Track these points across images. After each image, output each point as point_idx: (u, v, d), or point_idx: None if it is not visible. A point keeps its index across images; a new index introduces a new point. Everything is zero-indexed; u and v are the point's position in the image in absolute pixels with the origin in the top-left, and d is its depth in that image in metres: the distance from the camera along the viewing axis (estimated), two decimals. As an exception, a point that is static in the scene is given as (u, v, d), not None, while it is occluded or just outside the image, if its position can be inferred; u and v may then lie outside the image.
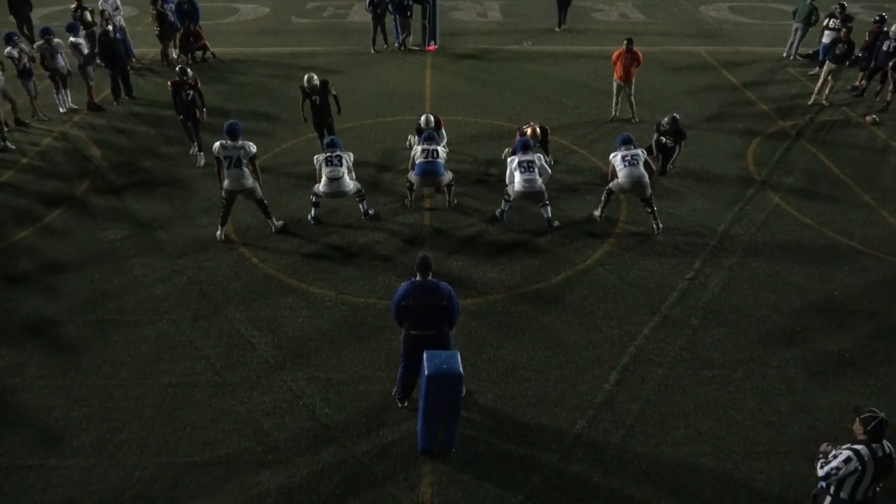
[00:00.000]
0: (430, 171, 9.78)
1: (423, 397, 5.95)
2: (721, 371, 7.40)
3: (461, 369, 5.82)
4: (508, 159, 9.92)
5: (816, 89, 14.49)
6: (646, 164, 9.65)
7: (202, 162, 11.50)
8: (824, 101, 14.40)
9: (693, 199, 10.69)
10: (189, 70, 11.34)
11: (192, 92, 11.15)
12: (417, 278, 6.18)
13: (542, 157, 9.95)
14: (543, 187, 9.64)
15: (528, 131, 10.67)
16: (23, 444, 6.43)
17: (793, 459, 6.40)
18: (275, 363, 7.40)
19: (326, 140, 9.89)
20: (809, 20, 16.49)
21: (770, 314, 8.25)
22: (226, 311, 8.14)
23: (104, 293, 8.44)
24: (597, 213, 10.02)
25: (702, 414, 6.87)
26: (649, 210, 9.71)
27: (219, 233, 9.42)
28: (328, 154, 9.51)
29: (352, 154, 9.86)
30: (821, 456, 5.21)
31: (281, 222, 9.71)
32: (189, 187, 10.87)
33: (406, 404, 6.83)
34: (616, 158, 9.63)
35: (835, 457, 5.02)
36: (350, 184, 9.61)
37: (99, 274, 8.79)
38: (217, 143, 9.06)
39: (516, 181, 9.57)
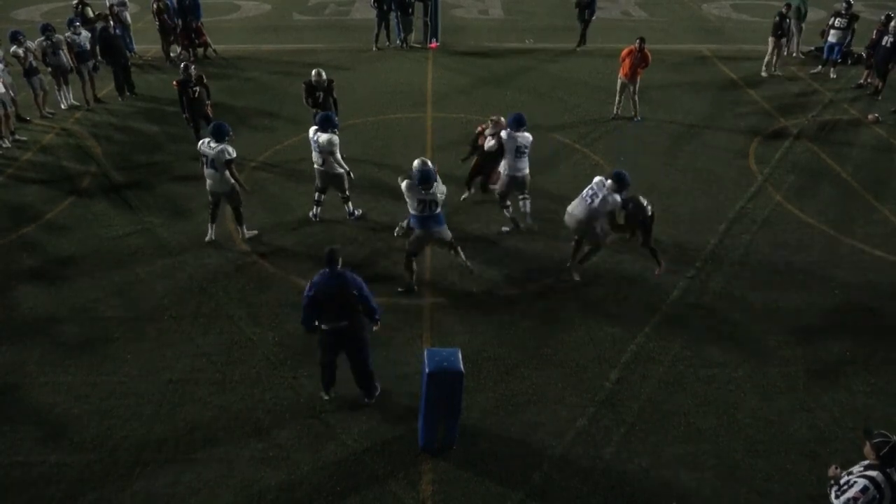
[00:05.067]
0: (432, 222, 8.16)
1: (423, 395, 5.96)
2: (722, 369, 7.40)
3: (462, 367, 5.84)
4: (504, 137, 9.18)
5: (764, 63, 15.95)
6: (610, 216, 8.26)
7: None
8: (775, 72, 15.96)
9: (694, 197, 10.68)
10: (192, 67, 11.31)
11: (197, 88, 11.13)
12: (326, 270, 6.30)
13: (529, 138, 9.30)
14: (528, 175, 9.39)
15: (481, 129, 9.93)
16: (24, 440, 6.44)
17: (793, 458, 6.40)
18: (276, 360, 7.41)
19: (318, 116, 9.53)
20: (800, 15, 16.50)
21: (771, 313, 8.24)
22: (227, 309, 8.15)
23: (105, 290, 8.45)
24: (569, 264, 8.79)
25: (702, 412, 6.88)
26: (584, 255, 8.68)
27: (209, 235, 9.32)
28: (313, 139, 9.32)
29: (328, 136, 9.11)
30: (831, 482, 5.07)
31: (254, 232, 9.43)
32: (191, 184, 10.85)
33: (329, 397, 6.88)
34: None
35: (849, 485, 4.86)
36: (335, 168, 9.34)
37: (100, 271, 8.79)
38: (202, 140, 8.97)
39: (509, 166, 9.19)
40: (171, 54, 16.32)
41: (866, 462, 4.95)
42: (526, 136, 9.27)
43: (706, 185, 11.08)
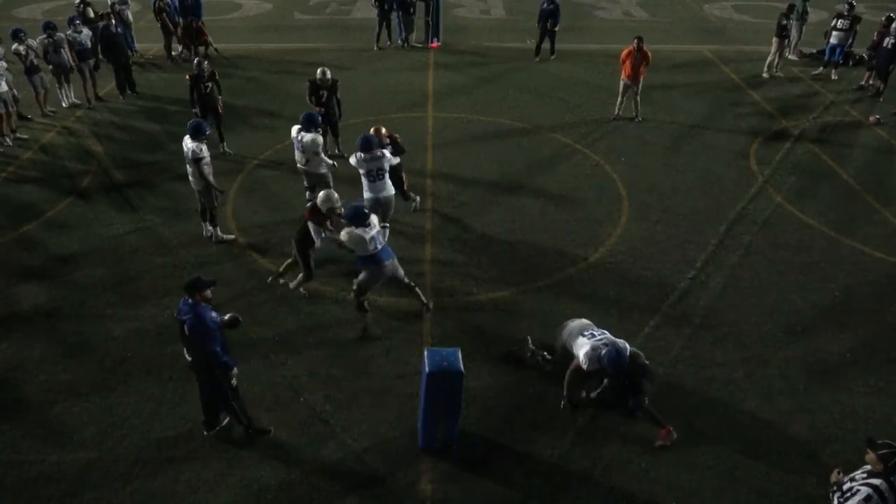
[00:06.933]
0: (388, 257, 7.56)
1: (423, 394, 5.96)
2: (722, 370, 7.40)
3: (462, 367, 5.84)
4: (353, 160, 8.70)
5: (766, 64, 16.00)
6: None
7: (223, 151, 11.53)
8: (776, 73, 16.01)
9: (695, 198, 10.67)
10: (206, 63, 11.32)
11: (210, 84, 11.15)
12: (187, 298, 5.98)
13: (388, 154, 8.82)
14: (392, 199, 8.82)
15: (372, 131, 9.21)
16: (24, 438, 6.44)
17: (793, 458, 6.40)
18: (275, 359, 7.40)
19: (302, 116, 9.48)
20: (800, 16, 16.53)
21: (771, 313, 8.24)
22: (227, 307, 8.11)
23: (106, 288, 8.45)
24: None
25: (702, 412, 6.87)
26: None
27: (204, 231, 9.37)
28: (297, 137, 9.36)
29: (312, 136, 9.27)
30: (834, 487, 5.04)
31: (231, 237, 9.37)
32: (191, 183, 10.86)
33: (210, 433, 6.46)
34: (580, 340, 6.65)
35: (852, 493, 4.86)
36: (319, 167, 9.40)
37: (101, 269, 8.79)
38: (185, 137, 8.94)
39: (366, 187, 8.60)
40: (173, 53, 16.32)
41: (868, 468, 4.93)
42: (380, 158, 8.59)
43: (707, 185, 11.08)
